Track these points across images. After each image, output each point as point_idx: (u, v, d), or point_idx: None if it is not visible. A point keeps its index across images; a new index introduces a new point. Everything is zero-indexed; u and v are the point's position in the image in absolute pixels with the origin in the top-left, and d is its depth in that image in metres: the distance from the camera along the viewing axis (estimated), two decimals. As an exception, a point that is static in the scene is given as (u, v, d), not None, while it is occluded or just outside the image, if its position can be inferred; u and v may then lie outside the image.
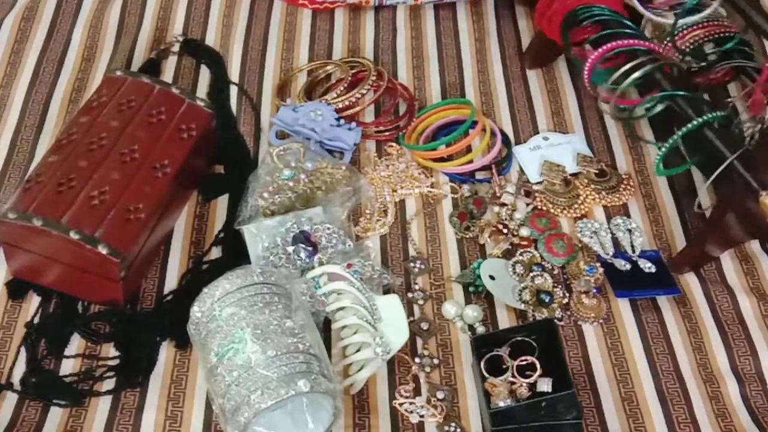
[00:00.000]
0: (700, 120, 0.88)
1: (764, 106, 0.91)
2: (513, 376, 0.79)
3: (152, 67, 1.10)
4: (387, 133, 1.05)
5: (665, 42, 1.01)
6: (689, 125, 0.89)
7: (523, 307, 0.88)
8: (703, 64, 0.99)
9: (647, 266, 0.93)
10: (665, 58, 0.94)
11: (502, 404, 0.78)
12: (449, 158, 1.02)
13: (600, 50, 0.95)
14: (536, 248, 0.94)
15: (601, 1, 1.00)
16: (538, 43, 1.12)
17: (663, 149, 0.91)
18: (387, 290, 0.90)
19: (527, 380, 0.78)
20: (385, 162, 1.01)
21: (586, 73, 0.97)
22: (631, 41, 0.95)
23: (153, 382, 0.82)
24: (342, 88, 1.06)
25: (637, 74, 0.91)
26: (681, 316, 0.89)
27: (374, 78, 1.07)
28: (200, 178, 0.98)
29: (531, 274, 0.90)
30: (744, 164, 0.86)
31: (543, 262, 0.93)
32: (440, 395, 0.82)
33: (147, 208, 0.86)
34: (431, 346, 0.87)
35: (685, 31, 1.00)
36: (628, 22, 0.99)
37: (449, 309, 0.88)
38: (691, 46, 0.99)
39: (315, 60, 1.14)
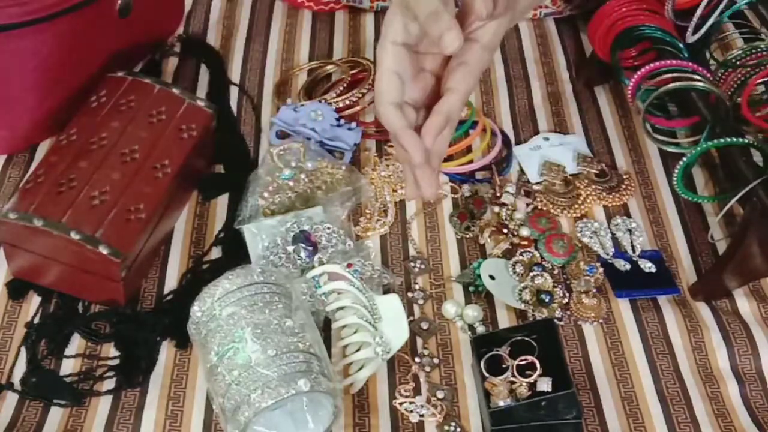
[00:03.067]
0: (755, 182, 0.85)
1: None
2: (513, 375, 0.79)
3: (152, 67, 1.10)
4: (387, 133, 1.05)
5: (723, 71, 0.99)
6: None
7: (523, 307, 0.88)
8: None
9: (647, 266, 0.93)
10: (709, 82, 0.92)
11: (502, 404, 0.78)
12: (449, 158, 1.02)
13: (643, 70, 0.95)
14: (536, 248, 0.94)
15: (653, 22, 1.00)
16: (593, 63, 1.11)
17: (683, 162, 0.91)
18: (387, 290, 0.90)
19: (527, 380, 0.78)
20: (385, 162, 1.02)
21: (629, 91, 0.97)
22: (674, 62, 0.94)
23: (153, 381, 0.82)
24: (342, 88, 1.06)
25: (665, 88, 0.91)
26: (681, 316, 0.89)
27: (374, 78, 1.07)
28: (200, 178, 0.98)
29: (531, 274, 0.90)
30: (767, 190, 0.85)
31: (543, 262, 0.93)
32: (440, 395, 0.82)
33: (147, 208, 0.86)
34: (431, 346, 0.87)
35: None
36: (680, 44, 0.98)
37: (449, 309, 0.88)
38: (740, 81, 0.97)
39: (315, 60, 1.14)
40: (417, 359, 0.85)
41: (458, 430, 0.80)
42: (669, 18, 1.01)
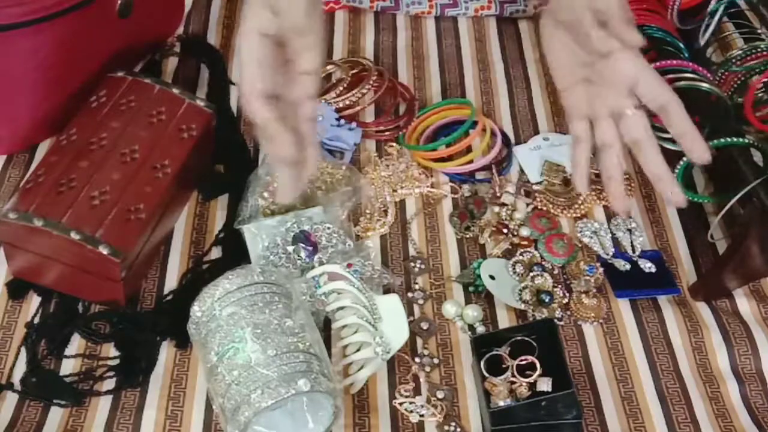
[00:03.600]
0: (756, 181, 0.85)
1: None
2: (513, 375, 0.79)
3: (152, 67, 1.10)
4: (387, 133, 1.05)
5: (724, 71, 0.99)
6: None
7: (523, 307, 0.88)
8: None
9: (647, 266, 0.93)
10: (709, 81, 0.92)
11: (501, 404, 0.78)
12: (449, 158, 1.02)
13: None
14: (536, 248, 0.94)
15: (653, 22, 1.00)
16: None
17: (683, 161, 0.91)
18: (387, 290, 0.90)
19: (527, 380, 0.78)
20: (385, 162, 1.01)
21: None
22: (675, 62, 0.94)
23: (153, 381, 0.82)
24: (342, 88, 1.06)
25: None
26: (681, 316, 0.89)
27: (374, 78, 1.07)
28: (200, 178, 0.98)
29: (531, 274, 0.90)
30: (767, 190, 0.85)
31: (543, 262, 0.93)
32: (440, 395, 0.82)
33: (147, 208, 0.86)
34: (431, 346, 0.87)
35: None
36: (680, 44, 0.98)
37: (449, 309, 0.88)
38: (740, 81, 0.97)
39: (315, 60, 1.14)
40: (417, 359, 0.85)
41: (458, 430, 0.80)
42: (674, 23, 1.01)
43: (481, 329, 0.87)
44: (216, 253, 0.93)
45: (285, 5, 0.76)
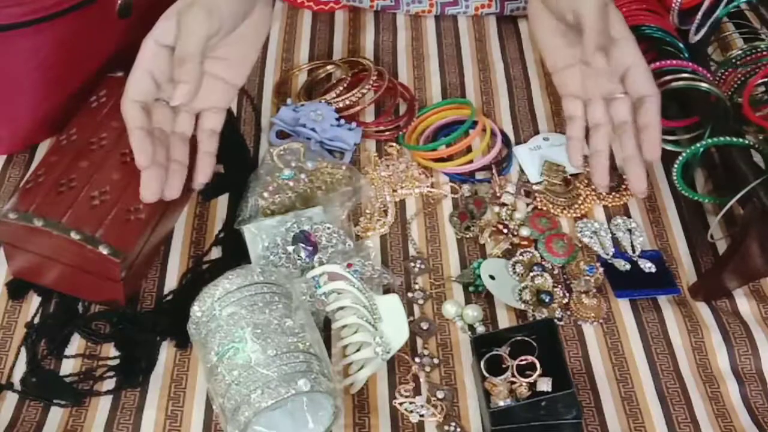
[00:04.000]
0: (755, 183, 0.86)
1: None
2: (513, 375, 0.79)
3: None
4: (387, 133, 1.05)
5: (723, 71, 0.99)
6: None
7: (523, 307, 0.88)
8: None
9: (647, 266, 0.93)
10: (709, 81, 0.92)
11: (501, 404, 0.78)
12: (449, 158, 1.02)
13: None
14: (536, 248, 0.94)
15: (653, 22, 1.00)
16: None
17: (681, 157, 0.91)
18: (387, 290, 0.90)
19: (527, 380, 0.78)
20: (385, 162, 1.01)
21: None
22: (674, 62, 0.94)
23: (153, 381, 0.82)
24: (342, 88, 1.06)
25: (664, 88, 0.91)
26: (681, 316, 0.89)
27: (374, 78, 1.07)
28: (200, 178, 0.98)
29: (531, 274, 0.90)
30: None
31: (543, 262, 0.93)
32: (440, 395, 0.82)
33: (147, 208, 0.86)
34: (431, 346, 0.87)
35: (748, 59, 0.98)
36: (680, 44, 0.98)
37: (449, 309, 0.88)
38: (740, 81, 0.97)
39: (315, 60, 1.14)
40: (417, 359, 0.85)
41: (458, 430, 0.80)
42: (673, 23, 1.01)
43: (481, 329, 0.87)
44: (216, 253, 0.93)
45: (189, 25, 0.83)
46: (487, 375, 0.79)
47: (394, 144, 1.04)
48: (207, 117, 0.91)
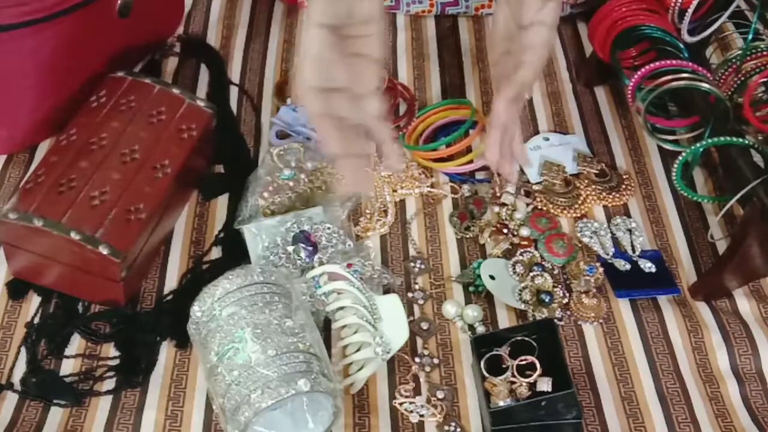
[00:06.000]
0: (756, 182, 0.86)
1: None
2: (513, 375, 0.79)
3: (152, 67, 1.10)
4: (387, 133, 1.05)
5: (723, 71, 0.99)
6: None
7: (523, 307, 0.88)
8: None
9: (647, 266, 0.93)
10: (709, 81, 0.92)
11: (502, 404, 0.78)
12: (449, 158, 1.02)
13: (643, 70, 0.95)
14: (536, 248, 0.94)
15: (653, 22, 1.00)
16: (593, 63, 1.11)
17: (681, 157, 0.90)
18: (387, 290, 0.90)
19: (527, 380, 0.78)
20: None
21: (629, 91, 0.96)
22: (674, 62, 0.94)
23: (153, 381, 0.82)
24: (342, 88, 1.06)
25: (664, 88, 0.91)
26: (681, 316, 0.89)
27: (374, 78, 1.07)
28: (200, 178, 0.98)
29: (531, 274, 0.90)
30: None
31: (543, 262, 0.93)
32: (440, 395, 0.82)
33: (147, 208, 0.86)
34: (431, 346, 0.87)
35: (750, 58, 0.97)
36: (680, 44, 0.98)
37: (449, 309, 0.88)
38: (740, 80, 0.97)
39: (315, 60, 1.14)
40: (417, 359, 0.85)
41: (458, 430, 0.80)
42: (673, 23, 1.01)
43: (481, 329, 0.87)
44: (216, 253, 0.93)
45: None
46: (487, 375, 0.79)
47: (394, 144, 1.04)
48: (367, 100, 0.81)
